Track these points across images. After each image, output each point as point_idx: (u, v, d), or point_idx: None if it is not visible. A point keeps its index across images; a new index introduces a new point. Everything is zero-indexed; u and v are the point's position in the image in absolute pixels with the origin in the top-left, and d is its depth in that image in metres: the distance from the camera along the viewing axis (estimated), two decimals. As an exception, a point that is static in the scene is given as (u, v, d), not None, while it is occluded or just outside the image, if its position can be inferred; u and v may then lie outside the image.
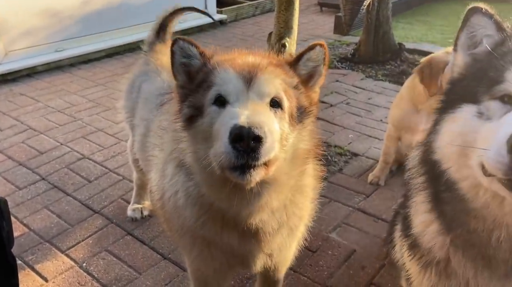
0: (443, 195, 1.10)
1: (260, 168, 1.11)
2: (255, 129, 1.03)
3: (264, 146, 1.05)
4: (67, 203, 2.79)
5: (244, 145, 1.04)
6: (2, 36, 4.67)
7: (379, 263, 2.26)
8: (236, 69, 1.21)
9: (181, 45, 1.28)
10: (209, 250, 1.46)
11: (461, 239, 1.10)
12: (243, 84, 1.18)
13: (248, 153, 1.05)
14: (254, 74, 1.19)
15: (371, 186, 2.93)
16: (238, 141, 1.04)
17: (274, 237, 1.41)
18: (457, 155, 1.02)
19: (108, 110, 4.05)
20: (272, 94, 1.18)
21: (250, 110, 1.10)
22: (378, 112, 3.96)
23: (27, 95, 4.43)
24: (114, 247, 2.42)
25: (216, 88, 1.19)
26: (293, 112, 1.24)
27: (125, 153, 3.26)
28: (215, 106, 1.18)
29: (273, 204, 1.31)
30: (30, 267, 2.28)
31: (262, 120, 1.08)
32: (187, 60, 1.29)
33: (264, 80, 1.19)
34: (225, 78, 1.19)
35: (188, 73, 1.30)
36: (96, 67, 5.22)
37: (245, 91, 1.17)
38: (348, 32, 6.35)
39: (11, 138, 3.58)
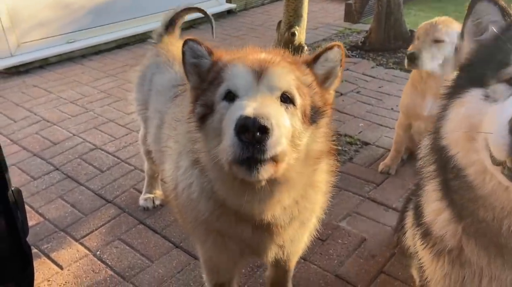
0: (452, 183, 1.09)
1: (268, 164, 1.08)
2: (261, 120, 1.00)
3: (270, 138, 1.03)
4: (81, 192, 2.84)
5: (249, 136, 1.01)
6: (14, 28, 4.72)
7: (389, 252, 2.27)
8: (246, 63, 1.20)
9: (191, 45, 1.28)
10: (222, 241, 1.47)
11: (472, 227, 1.10)
12: (252, 77, 1.16)
13: (253, 145, 1.02)
14: (264, 67, 1.17)
15: (382, 175, 2.91)
16: (243, 132, 1.01)
17: (286, 230, 1.41)
18: (464, 139, 1.02)
19: (119, 101, 4.08)
20: (283, 88, 1.16)
21: (258, 102, 1.08)
22: (389, 100, 3.92)
23: (39, 87, 4.49)
24: (127, 235, 2.47)
25: (225, 83, 1.19)
26: (307, 110, 1.21)
27: (136, 144, 3.29)
28: (225, 102, 1.17)
29: (285, 202, 1.31)
30: (45, 255, 2.34)
31: (269, 112, 1.05)
32: (197, 60, 1.29)
33: (275, 73, 1.17)
34: (235, 73, 1.18)
35: (199, 73, 1.30)
36: (106, 58, 5.25)
37: (254, 85, 1.15)
38: (358, 19, 6.26)
39: (25, 129, 3.65)
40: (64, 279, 2.19)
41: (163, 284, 2.14)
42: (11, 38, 4.70)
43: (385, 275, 2.14)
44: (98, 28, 5.42)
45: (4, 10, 4.55)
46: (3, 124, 3.71)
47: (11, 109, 4.00)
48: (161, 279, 2.17)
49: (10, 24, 4.65)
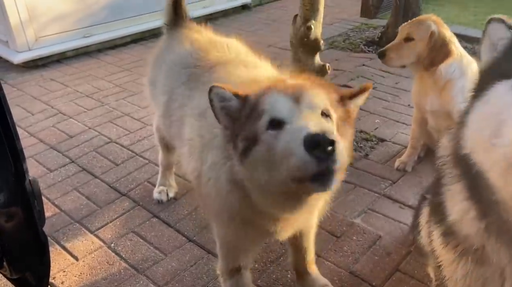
0: (477, 183, 1.06)
1: (337, 174, 1.15)
2: (329, 134, 1.08)
3: (338, 149, 1.10)
4: (96, 185, 2.87)
5: (322, 151, 1.08)
6: (32, 22, 4.78)
7: (405, 249, 2.23)
8: (281, 91, 1.27)
9: (216, 91, 1.33)
10: (243, 226, 1.55)
11: (495, 225, 1.06)
12: (293, 101, 1.23)
13: (327, 158, 1.09)
14: (301, 92, 1.26)
15: (398, 172, 2.87)
16: (315, 148, 1.08)
17: (301, 215, 1.51)
18: (485, 142, 0.96)
19: (134, 95, 4.11)
20: (321, 106, 1.24)
21: (312, 120, 1.15)
22: (405, 96, 3.85)
23: (56, 80, 4.54)
24: (141, 228, 2.48)
25: (267, 113, 1.23)
26: (339, 124, 1.31)
27: (150, 137, 3.31)
28: (270, 131, 1.22)
29: (312, 203, 1.42)
30: (61, 246, 2.37)
31: (328, 126, 1.16)
32: (225, 104, 1.34)
33: (311, 94, 1.25)
34: (275, 101, 1.24)
35: (229, 114, 1.35)
36: (122, 52, 5.29)
37: (297, 107, 1.22)
38: (375, 15, 6.16)
39: (42, 122, 3.70)
40: (79, 270, 2.22)
41: (176, 277, 2.15)
42: (29, 32, 4.76)
43: (401, 273, 2.10)
44: (114, 22, 5.44)
45: (23, 4, 4.61)
46: (21, 117, 3.76)
47: (29, 102, 4.06)
48: (174, 272, 2.18)
49: (28, 18, 4.71)
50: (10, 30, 4.68)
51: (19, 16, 4.63)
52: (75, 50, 5.15)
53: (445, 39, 2.49)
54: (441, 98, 2.56)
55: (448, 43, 2.49)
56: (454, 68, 2.49)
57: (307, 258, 1.97)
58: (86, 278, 2.17)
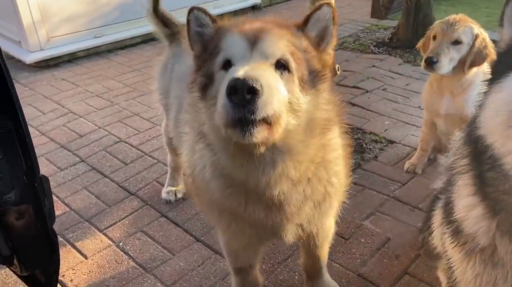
0: (487, 175, 1.04)
1: (261, 126, 1.09)
2: (249, 81, 1.02)
3: (260, 99, 1.04)
4: (105, 184, 2.89)
5: (239, 97, 1.03)
6: (44, 23, 4.83)
7: (414, 252, 2.21)
8: (241, 32, 1.21)
9: (196, 14, 1.30)
10: (236, 224, 1.48)
11: (507, 223, 1.03)
12: (247, 45, 1.17)
13: (244, 106, 1.04)
14: (258, 35, 1.18)
15: (408, 174, 2.84)
16: (234, 93, 1.03)
17: (300, 209, 1.40)
18: (503, 126, 0.95)
19: (144, 95, 4.13)
20: (277, 55, 1.17)
21: (250, 66, 1.10)
22: (416, 98, 3.81)
23: (67, 80, 4.59)
24: (149, 228, 2.49)
25: (223, 53, 1.20)
26: (304, 75, 1.21)
27: (159, 137, 3.32)
28: (222, 71, 1.19)
29: (291, 174, 1.29)
30: (71, 245, 2.39)
31: (260, 74, 1.06)
32: (201, 29, 1.31)
33: (269, 41, 1.18)
34: (230, 42, 1.20)
35: (202, 42, 1.31)
36: (132, 53, 5.33)
37: (248, 52, 1.16)
38: (386, 16, 6.12)
39: (53, 121, 3.74)
40: (88, 269, 2.23)
41: (184, 277, 2.15)
42: (41, 32, 4.82)
43: (410, 276, 2.08)
44: (124, 23, 5.48)
45: (36, 4, 4.67)
46: (33, 116, 3.81)
47: (40, 102, 4.11)
48: (182, 272, 2.18)
49: (41, 18, 4.76)
50: (22, 30, 4.74)
51: (31, 16, 4.69)
52: (86, 50, 5.21)
53: (486, 42, 2.43)
54: (458, 101, 2.51)
55: (487, 45, 2.42)
56: (480, 72, 2.46)
57: (319, 263, 1.91)
58: (95, 276, 2.19)
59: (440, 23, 2.51)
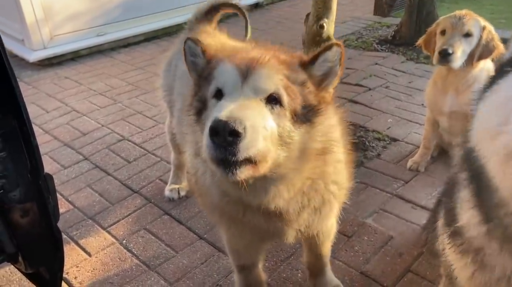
0: (480, 182, 1.03)
1: (244, 165, 1.09)
2: (232, 124, 1.01)
3: (243, 141, 1.03)
4: (108, 182, 2.90)
5: (220, 139, 1.03)
6: (48, 21, 4.85)
7: (417, 250, 2.21)
8: (234, 62, 1.19)
9: (189, 44, 1.34)
10: (236, 226, 1.50)
11: (498, 232, 1.03)
12: (238, 77, 1.16)
13: (225, 148, 1.04)
14: (251, 68, 1.16)
15: (411, 172, 2.84)
16: (215, 135, 1.03)
17: (299, 216, 1.41)
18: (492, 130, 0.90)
19: (147, 93, 4.14)
20: (268, 91, 1.15)
21: (236, 104, 1.08)
22: (419, 96, 3.80)
23: (71, 79, 4.60)
24: (152, 226, 2.50)
25: (215, 82, 1.21)
26: (297, 109, 1.18)
27: (162, 135, 3.33)
28: (214, 99, 1.20)
29: (285, 195, 1.30)
30: (75, 242, 2.40)
31: (244, 115, 1.05)
32: (194, 59, 1.35)
33: (262, 75, 1.15)
34: (223, 71, 1.20)
35: (197, 71, 1.35)
36: (135, 51, 5.33)
37: (239, 85, 1.15)
38: (388, 13, 6.10)
39: (57, 120, 3.75)
40: (92, 266, 2.24)
41: (187, 274, 2.16)
42: (44, 30, 4.83)
43: (413, 274, 2.08)
44: (127, 21, 5.49)
45: (39, 3, 4.68)
46: (36, 114, 3.82)
47: (43, 100, 4.13)
48: (185, 269, 2.19)
49: (44, 17, 4.78)
50: (26, 29, 4.76)
51: (34, 15, 4.70)
52: (89, 49, 5.22)
53: (493, 34, 2.42)
54: (462, 98, 2.49)
55: (494, 37, 2.42)
56: (485, 69, 2.44)
57: (322, 260, 1.92)
58: (99, 274, 2.20)
59: (448, 18, 2.50)
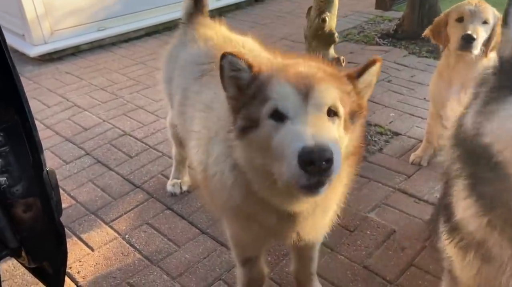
0: (485, 176, 1.02)
1: (328, 183, 1.13)
2: (326, 152, 1.04)
3: (334, 164, 1.07)
4: (110, 177, 2.90)
5: (316, 169, 1.05)
6: (48, 16, 4.82)
7: (420, 244, 2.21)
8: (291, 82, 1.20)
9: (230, 59, 1.27)
10: (248, 223, 1.53)
11: (501, 219, 1.03)
12: (300, 97, 1.17)
13: (319, 174, 1.07)
14: (311, 86, 1.18)
15: (413, 166, 2.83)
16: (310, 165, 1.05)
17: (308, 219, 1.46)
18: None
19: (148, 88, 4.13)
20: (329, 104, 1.19)
21: (314, 127, 1.10)
22: (421, 90, 3.79)
23: (72, 74, 4.59)
24: (155, 220, 2.50)
25: (272, 102, 1.19)
26: (347, 118, 1.25)
27: (164, 130, 3.33)
28: (272, 120, 1.18)
29: (318, 199, 1.36)
30: (77, 237, 2.41)
31: (329, 139, 1.09)
32: (236, 74, 1.28)
33: (322, 91, 1.18)
34: (282, 93, 1.19)
35: (237, 86, 1.30)
36: (136, 45, 5.31)
37: (303, 105, 1.16)
38: (390, 7, 6.06)
39: (58, 115, 3.74)
40: (95, 261, 2.25)
41: (190, 269, 2.17)
42: (45, 25, 4.81)
43: (415, 268, 2.09)
44: (127, 16, 5.46)
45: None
46: (38, 109, 3.82)
47: (45, 95, 4.12)
48: (187, 264, 2.19)
49: (44, 11, 4.75)
50: (26, 24, 4.73)
51: (35, 9, 4.68)
52: (90, 43, 5.20)
53: None
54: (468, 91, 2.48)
55: None
56: None
57: (310, 268, 1.93)
58: (102, 268, 2.20)
59: (464, 5, 2.44)
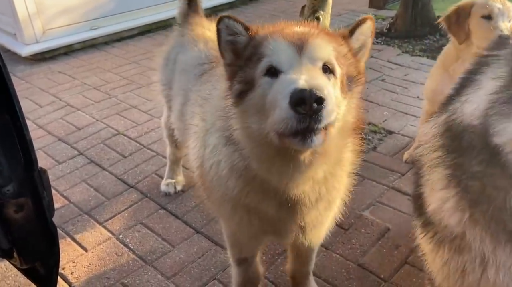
0: (475, 170, 1.02)
1: (320, 133, 1.10)
2: (317, 91, 1.02)
3: (326, 108, 1.05)
4: (104, 177, 2.88)
5: (307, 108, 1.03)
6: (40, 15, 4.78)
7: (413, 242, 2.20)
8: (286, 38, 1.20)
9: (227, 23, 1.27)
10: (248, 217, 1.49)
11: (486, 214, 1.02)
12: (295, 51, 1.17)
13: (310, 116, 1.04)
14: (304, 40, 1.18)
15: (407, 164, 2.84)
16: (301, 104, 1.03)
17: (310, 211, 1.42)
18: None
19: (141, 87, 4.11)
20: (324, 59, 1.18)
21: (307, 74, 1.09)
22: (414, 88, 3.81)
23: (64, 73, 4.55)
24: (149, 220, 2.49)
25: (267, 59, 1.18)
26: (344, 79, 1.23)
27: (158, 130, 3.31)
28: (267, 77, 1.18)
29: (318, 175, 1.32)
30: (70, 237, 2.39)
31: (321, 82, 1.08)
32: (233, 38, 1.29)
33: (316, 45, 1.18)
34: (276, 48, 1.18)
35: (234, 50, 1.30)
36: (129, 45, 5.28)
37: (297, 58, 1.16)
38: (384, 5, 6.09)
39: (51, 114, 3.71)
40: (89, 261, 2.23)
41: (184, 268, 2.16)
42: (37, 24, 4.77)
43: (410, 266, 2.09)
44: (120, 15, 5.43)
45: (31, -4, 4.62)
46: (30, 109, 3.78)
47: (37, 95, 4.08)
48: (182, 263, 2.19)
49: (36, 10, 4.71)
50: (18, 23, 4.69)
51: (27, 9, 4.63)
52: (83, 43, 5.16)
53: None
54: None
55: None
56: None
57: (308, 268, 1.91)
58: (95, 269, 2.19)
59: (489, 2, 2.35)
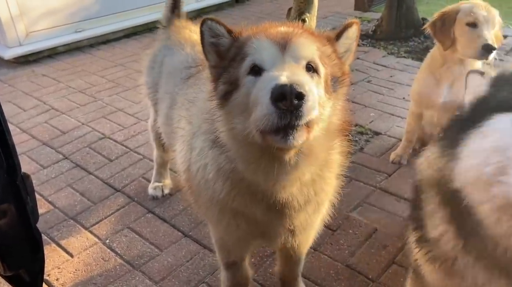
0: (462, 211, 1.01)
1: (302, 130, 1.09)
2: (297, 86, 1.02)
3: (306, 104, 1.04)
4: (90, 181, 2.84)
5: (287, 104, 1.02)
6: (23, 17, 4.71)
7: (401, 242, 2.23)
8: (269, 36, 1.20)
9: (209, 25, 1.27)
10: (236, 220, 1.48)
11: (477, 249, 1.03)
12: (278, 49, 1.17)
13: (291, 112, 1.04)
14: (288, 39, 1.18)
15: (393, 165, 2.87)
16: (281, 100, 1.02)
17: (299, 214, 1.41)
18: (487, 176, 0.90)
19: (128, 90, 4.07)
20: (308, 58, 1.17)
21: (289, 71, 1.09)
22: (400, 90, 3.86)
23: (49, 76, 4.49)
24: (136, 224, 2.46)
25: (250, 58, 1.18)
26: (328, 80, 1.23)
27: (145, 133, 3.28)
28: (250, 76, 1.17)
29: (305, 177, 1.31)
30: (56, 243, 2.35)
31: (302, 79, 1.08)
32: (216, 40, 1.29)
33: (299, 44, 1.18)
34: (259, 47, 1.19)
35: (218, 52, 1.30)
36: (115, 47, 5.23)
37: (280, 56, 1.16)
38: (369, 8, 6.16)
39: (35, 118, 3.65)
40: (75, 267, 2.20)
41: (173, 272, 2.14)
42: (19, 27, 4.69)
43: (397, 265, 2.11)
44: (106, 17, 5.38)
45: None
46: (13, 113, 3.72)
47: (20, 98, 4.01)
48: (170, 267, 2.17)
49: (19, 13, 4.64)
50: (0, 25, 4.61)
51: (9, 11, 4.56)
52: (67, 45, 5.09)
53: None
54: (458, 88, 2.45)
55: None
56: None
57: (297, 270, 1.91)
58: (81, 275, 2.15)
59: (474, 9, 2.36)
